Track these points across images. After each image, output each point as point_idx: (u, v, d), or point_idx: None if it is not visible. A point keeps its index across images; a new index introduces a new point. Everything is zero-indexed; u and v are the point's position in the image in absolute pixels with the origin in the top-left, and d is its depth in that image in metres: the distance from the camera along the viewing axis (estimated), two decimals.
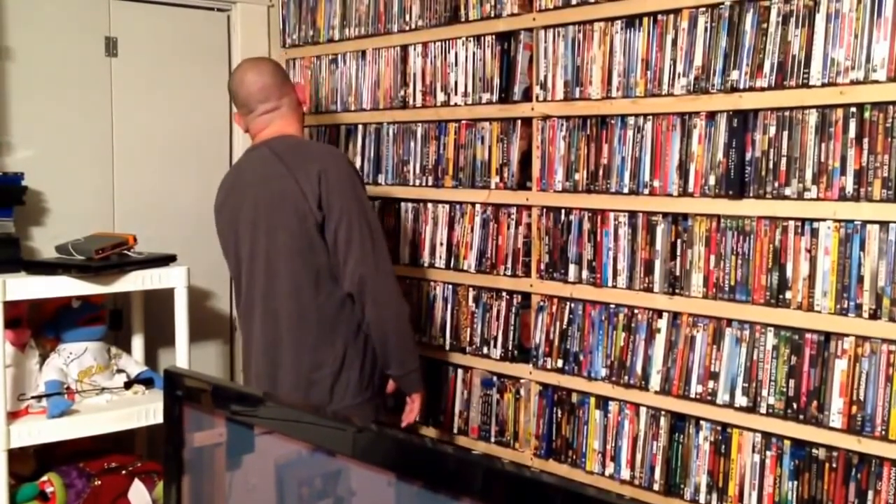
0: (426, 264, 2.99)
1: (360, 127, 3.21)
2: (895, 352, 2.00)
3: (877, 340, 2.03)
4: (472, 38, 2.82)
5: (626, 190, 2.45)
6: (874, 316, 2.03)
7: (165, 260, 2.91)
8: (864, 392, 2.05)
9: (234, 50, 3.47)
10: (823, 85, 2.08)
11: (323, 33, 3.35)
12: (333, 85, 3.31)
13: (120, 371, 2.99)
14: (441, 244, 2.94)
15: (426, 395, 2.64)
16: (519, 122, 2.71)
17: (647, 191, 2.41)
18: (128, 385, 2.93)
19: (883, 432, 2.01)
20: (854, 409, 2.06)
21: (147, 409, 2.82)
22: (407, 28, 3.01)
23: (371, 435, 1.10)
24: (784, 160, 2.15)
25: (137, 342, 3.15)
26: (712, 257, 2.29)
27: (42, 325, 2.87)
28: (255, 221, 2.45)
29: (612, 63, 2.47)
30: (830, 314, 2.10)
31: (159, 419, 2.80)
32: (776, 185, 2.17)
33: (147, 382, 2.96)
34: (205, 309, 3.41)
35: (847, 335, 2.08)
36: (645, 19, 2.40)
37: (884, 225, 2.01)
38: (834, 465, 2.10)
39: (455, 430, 2.93)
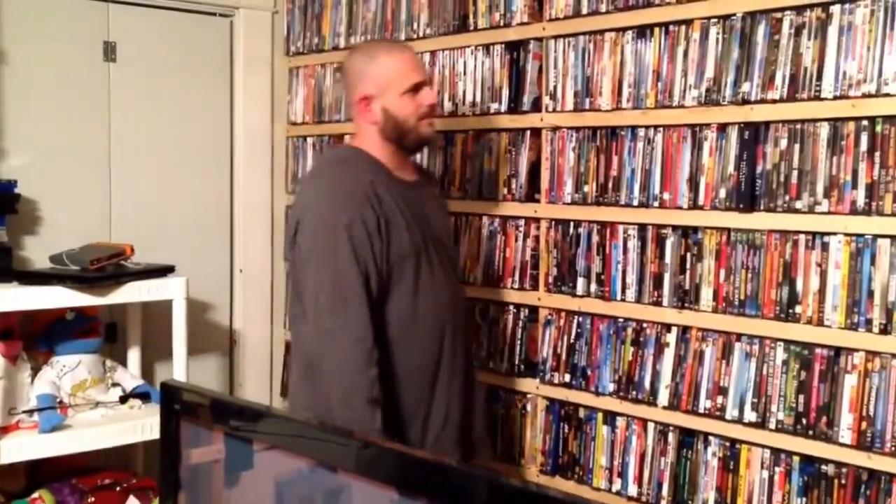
0: None
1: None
2: None
3: (887, 356, 2.12)
4: (480, 47, 2.92)
5: (635, 202, 2.55)
6: (884, 331, 2.12)
7: (163, 271, 2.97)
8: (873, 408, 2.14)
9: (237, 57, 3.57)
10: (835, 98, 2.18)
11: (328, 41, 3.45)
12: (338, 94, 3.42)
13: (115, 385, 3.04)
14: None
15: None
16: (528, 132, 2.81)
17: (656, 203, 2.51)
18: (123, 399, 2.98)
19: (893, 448, 2.09)
20: (864, 424, 2.15)
21: (143, 424, 2.88)
22: (415, 36, 3.12)
23: (374, 450, 1.12)
24: (795, 173, 2.25)
25: (134, 355, 3.22)
26: (722, 271, 2.39)
27: (34, 337, 2.92)
28: None
29: (622, 74, 2.57)
30: (840, 329, 2.19)
31: (156, 434, 2.84)
32: (787, 198, 2.27)
33: (143, 396, 3.01)
34: (204, 321, 3.50)
35: (857, 350, 2.16)
36: (656, 30, 2.50)
37: (895, 239, 2.12)
38: (843, 482, 2.18)
39: None
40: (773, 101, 2.28)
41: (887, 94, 2.11)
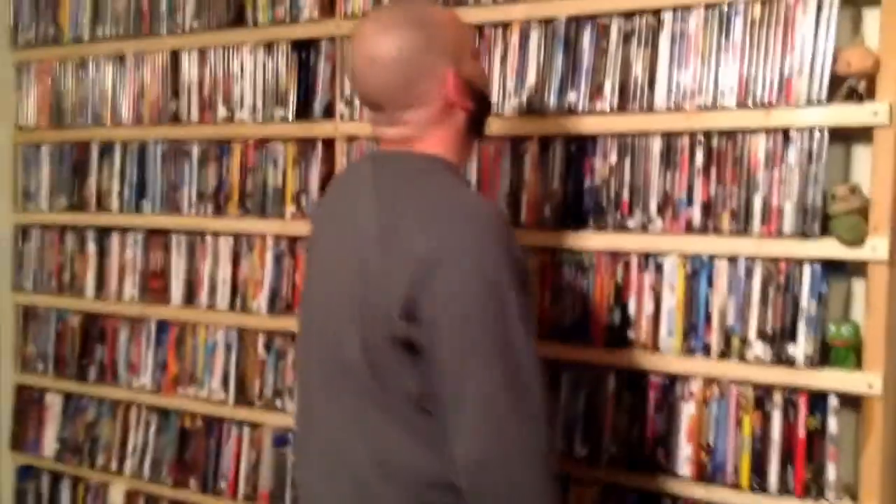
0: (204, 306, 2.73)
1: (117, 145, 2.90)
2: (745, 394, 2.01)
3: (726, 382, 2.03)
4: (261, 46, 2.62)
5: None
6: (723, 356, 2.03)
7: None
8: (713, 437, 2.05)
9: None
10: (669, 110, 2.07)
11: (67, 32, 3.00)
12: (83, 94, 2.98)
13: None
14: (223, 282, 2.69)
15: None
16: (320, 142, 2.53)
17: None
18: None
19: (734, 480, 2.01)
20: (703, 455, 2.05)
21: None
22: (179, 30, 2.76)
23: None
24: (627, 189, 2.12)
25: None
26: (548, 294, 2.22)
27: None
28: (321, 294, 1.59)
29: None
30: (677, 355, 2.08)
31: None
32: (618, 216, 2.13)
33: None
34: None
35: (694, 377, 2.06)
36: None
37: (732, 260, 2.02)
38: None
39: (241, 497, 2.68)
40: (602, 112, 2.14)
41: (723, 107, 2.02)
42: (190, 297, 2.76)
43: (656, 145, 2.10)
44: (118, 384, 2.91)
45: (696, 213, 2.05)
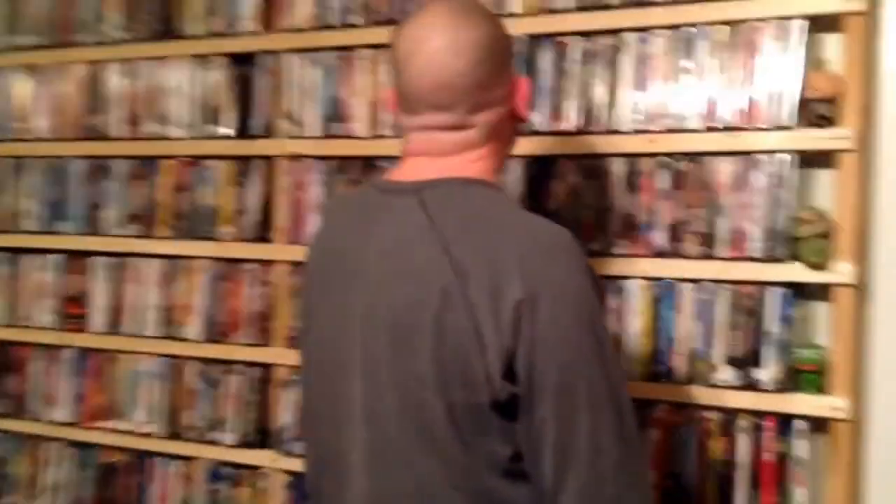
0: (129, 332, 2.58)
1: (32, 162, 2.73)
2: (712, 419, 2.00)
3: (693, 407, 2.02)
4: (195, 59, 2.50)
5: None
6: (689, 381, 2.02)
7: None
8: (679, 465, 2.02)
9: None
10: (632, 132, 2.05)
11: None
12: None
13: None
14: (151, 308, 2.55)
15: None
16: (259, 161, 2.43)
17: None
18: None
19: None
20: (669, 483, 2.03)
21: None
22: (103, 40, 2.62)
23: None
24: (589, 212, 2.10)
25: None
26: None
27: None
28: (373, 360, 1.31)
29: (381, 96, 2.29)
30: (641, 381, 2.06)
31: None
32: (580, 239, 2.09)
33: None
34: None
35: (660, 402, 2.04)
36: None
37: (698, 283, 2.01)
38: None
39: None
40: (563, 133, 2.11)
41: (688, 130, 2.01)
42: (113, 323, 2.61)
43: (619, 167, 2.07)
44: (31, 417, 2.72)
45: (660, 237, 2.04)
